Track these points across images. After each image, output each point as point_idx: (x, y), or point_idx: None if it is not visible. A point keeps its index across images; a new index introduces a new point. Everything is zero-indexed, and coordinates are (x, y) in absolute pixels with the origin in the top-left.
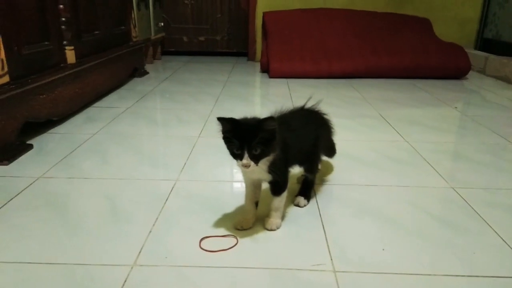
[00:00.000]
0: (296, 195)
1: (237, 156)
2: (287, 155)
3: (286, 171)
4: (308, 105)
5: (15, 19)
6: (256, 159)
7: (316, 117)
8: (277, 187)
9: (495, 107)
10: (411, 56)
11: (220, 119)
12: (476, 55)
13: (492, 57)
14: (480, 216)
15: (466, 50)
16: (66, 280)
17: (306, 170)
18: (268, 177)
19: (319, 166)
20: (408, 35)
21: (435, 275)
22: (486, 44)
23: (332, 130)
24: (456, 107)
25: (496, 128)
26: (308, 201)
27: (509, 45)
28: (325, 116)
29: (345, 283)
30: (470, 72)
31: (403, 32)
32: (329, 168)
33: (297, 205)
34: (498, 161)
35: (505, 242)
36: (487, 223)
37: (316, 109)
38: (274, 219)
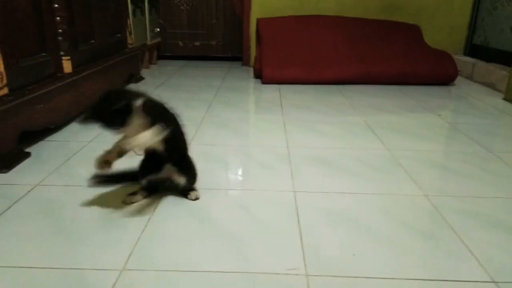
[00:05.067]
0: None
1: None
2: None
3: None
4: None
5: (13, 33)
6: None
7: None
8: None
9: (478, 114)
10: (400, 63)
11: None
12: (464, 61)
13: (479, 63)
14: (448, 223)
15: (455, 56)
16: (61, 283)
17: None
18: None
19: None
20: (397, 42)
21: (399, 278)
22: (474, 50)
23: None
24: (440, 115)
25: (476, 136)
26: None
27: (496, 51)
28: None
29: (316, 286)
30: (459, 78)
31: (393, 39)
32: (309, 176)
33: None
34: (474, 170)
35: (467, 247)
36: (453, 230)
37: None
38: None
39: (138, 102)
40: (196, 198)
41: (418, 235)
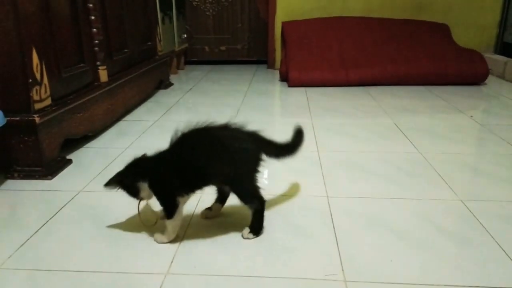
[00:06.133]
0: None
1: None
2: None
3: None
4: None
5: (55, 46)
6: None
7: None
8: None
9: (511, 115)
10: (429, 63)
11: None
12: (495, 60)
13: (511, 62)
14: (485, 229)
15: (485, 54)
16: (109, 287)
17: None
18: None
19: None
20: (426, 42)
21: (437, 285)
22: (506, 48)
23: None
24: (471, 116)
25: (510, 138)
26: (255, 234)
27: None
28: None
29: None
30: (490, 77)
31: (421, 38)
32: (342, 180)
33: (242, 236)
34: (509, 173)
35: (506, 254)
36: (491, 236)
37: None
38: (160, 235)
39: (146, 180)
40: (246, 238)
41: (456, 241)
